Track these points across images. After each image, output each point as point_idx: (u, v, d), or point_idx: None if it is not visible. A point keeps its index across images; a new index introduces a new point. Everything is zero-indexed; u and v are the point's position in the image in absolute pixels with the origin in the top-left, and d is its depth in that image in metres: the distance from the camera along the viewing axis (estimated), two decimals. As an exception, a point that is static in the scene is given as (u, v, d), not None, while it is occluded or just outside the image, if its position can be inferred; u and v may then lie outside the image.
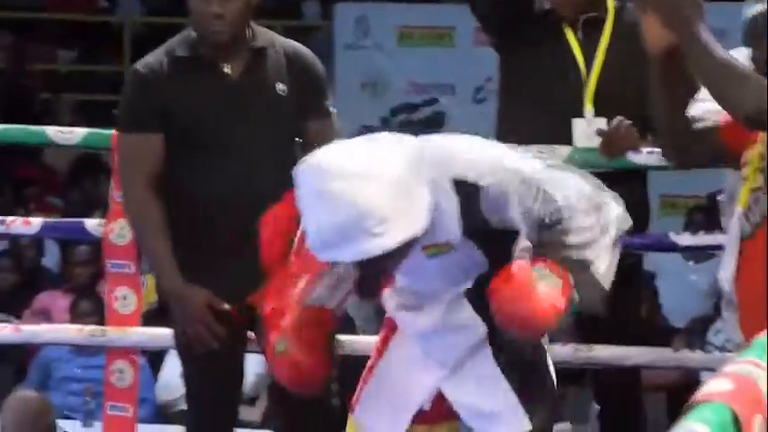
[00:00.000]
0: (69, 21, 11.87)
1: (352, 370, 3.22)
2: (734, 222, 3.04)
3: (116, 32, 11.76)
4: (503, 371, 2.99)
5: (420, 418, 3.05)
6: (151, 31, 11.45)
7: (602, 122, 3.74)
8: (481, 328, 3.00)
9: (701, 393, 1.11)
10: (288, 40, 3.62)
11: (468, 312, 3.01)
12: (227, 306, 3.44)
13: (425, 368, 3.03)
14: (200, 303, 3.42)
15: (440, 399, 3.04)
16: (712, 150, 3.09)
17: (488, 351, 3.00)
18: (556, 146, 3.68)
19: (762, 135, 2.96)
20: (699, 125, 3.06)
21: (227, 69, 3.48)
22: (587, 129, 3.74)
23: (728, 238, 3.08)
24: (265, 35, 3.54)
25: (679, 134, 3.05)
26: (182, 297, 3.46)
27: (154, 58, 3.52)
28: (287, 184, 3.45)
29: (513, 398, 2.99)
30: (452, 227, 2.88)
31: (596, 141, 3.74)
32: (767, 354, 1.21)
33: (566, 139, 3.71)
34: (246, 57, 3.49)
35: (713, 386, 1.11)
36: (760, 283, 2.86)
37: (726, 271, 3.04)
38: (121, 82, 13.01)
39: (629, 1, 3.78)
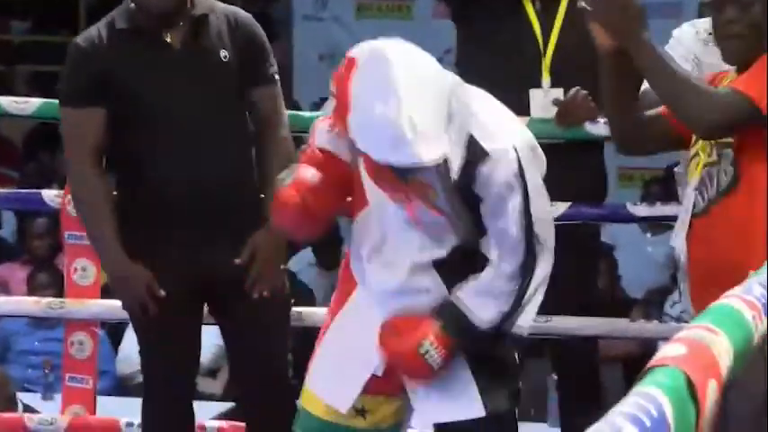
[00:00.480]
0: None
1: (311, 342, 3.23)
2: (688, 195, 3.07)
3: (71, 2, 11.67)
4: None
5: (373, 387, 3.05)
6: (106, 0, 11.39)
7: (558, 93, 3.75)
8: (440, 297, 3.00)
9: (654, 358, 1.14)
10: (228, 6, 3.57)
11: (432, 279, 3.00)
12: (162, 293, 3.41)
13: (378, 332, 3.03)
14: (140, 285, 3.41)
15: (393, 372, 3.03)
16: (662, 135, 3.12)
17: None
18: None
19: None
20: (648, 113, 3.10)
21: (168, 39, 3.44)
22: (544, 99, 3.75)
23: (681, 211, 3.11)
24: (205, 2, 3.48)
25: (629, 124, 3.09)
26: (123, 277, 3.45)
27: (94, 31, 3.48)
28: (233, 151, 3.46)
29: (468, 377, 2.98)
30: (451, 171, 2.88)
31: (553, 112, 3.76)
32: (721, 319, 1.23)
33: (523, 110, 3.73)
34: (187, 25, 3.44)
35: (667, 351, 1.13)
36: (714, 260, 2.89)
37: (678, 242, 3.07)
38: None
39: None
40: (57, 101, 4.08)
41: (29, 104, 4.21)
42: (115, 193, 3.54)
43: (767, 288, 1.39)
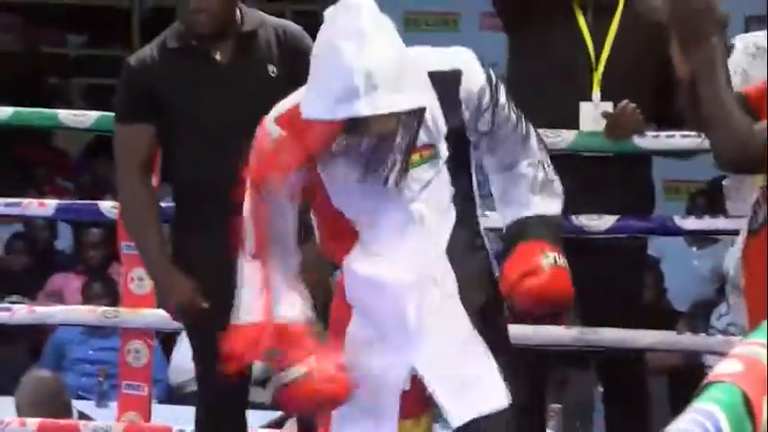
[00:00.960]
0: (78, 5, 11.86)
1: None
2: (748, 209, 3.03)
3: (125, 17, 11.75)
4: (480, 333, 2.80)
5: (405, 409, 2.81)
6: (159, 15, 11.43)
7: (608, 106, 3.74)
8: (452, 286, 2.80)
9: (711, 374, 1.13)
10: (279, 19, 3.59)
11: (443, 267, 2.80)
12: (205, 305, 3.44)
13: (392, 348, 2.80)
14: (184, 295, 3.45)
15: (416, 382, 2.80)
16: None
17: (461, 310, 2.80)
18: (561, 130, 3.70)
19: None
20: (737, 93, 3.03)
21: (217, 56, 3.46)
22: (593, 112, 3.74)
23: (743, 225, 3.06)
24: (254, 17, 3.50)
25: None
26: (167, 285, 3.48)
27: (147, 50, 3.52)
28: None
29: (491, 363, 2.79)
30: (437, 125, 2.77)
31: (602, 125, 3.75)
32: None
33: (573, 122, 3.72)
34: (236, 41, 3.47)
35: (723, 367, 1.13)
36: (761, 279, 2.87)
37: (734, 255, 3.04)
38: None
39: None
40: (112, 114, 4.11)
41: (86, 118, 4.24)
42: (173, 204, 3.58)
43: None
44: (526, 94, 3.11)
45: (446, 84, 2.78)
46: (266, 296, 2.82)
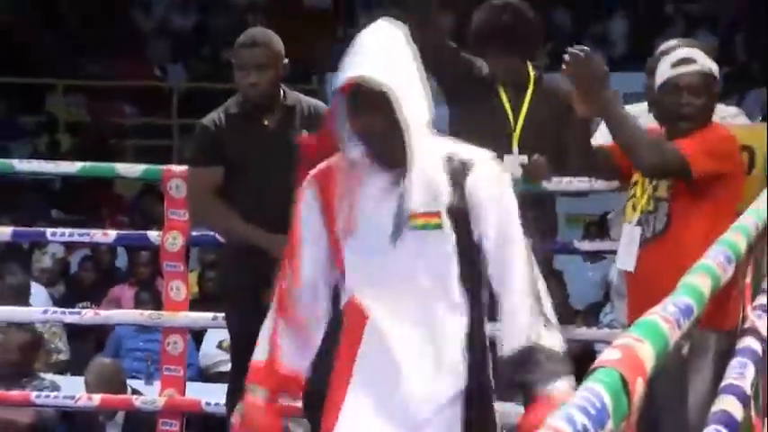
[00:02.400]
0: (132, 85, 11.84)
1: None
2: (628, 231, 3.02)
3: (167, 94, 11.72)
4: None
5: None
6: (193, 92, 11.42)
7: (524, 159, 3.74)
8: (463, 381, 2.26)
9: (597, 361, 1.13)
10: (310, 98, 3.62)
11: (454, 354, 2.25)
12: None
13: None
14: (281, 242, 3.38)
15: None
16: (608, 164, 3.09)
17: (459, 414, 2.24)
18: None
19: None
20: (599, 146, 3.09)
21: (266, 122, 3.50)
22: (513, 163, 3.74)
23: (622, 243, 3.03)
24: (293, 95, 3.54)
25: (586, 157, 3.07)
26: (273, 242, 3.30)
27: (214, 114, 3.53)
28: None
29: None
30: (442, 193, 2.27)
31: (520, 172, 3.75)
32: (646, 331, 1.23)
33: None
34: (281, 112, 3.50)
35: (606, 355, 1.12)
36: (647, 283, 2.86)
37: (626, 264, 3.00)
38: (170, 131, 12.94)
39: (549, 72, 3.81)
40: (157, 167, 4.10)
41: (137, 169, 4.22)
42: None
43: (679, 307, 1.38)
44: None
45: (457, 168, 2.29)
46: (274, 340, 2.39)
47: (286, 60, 3.48)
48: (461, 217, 2.27)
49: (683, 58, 2.95)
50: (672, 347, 1.29)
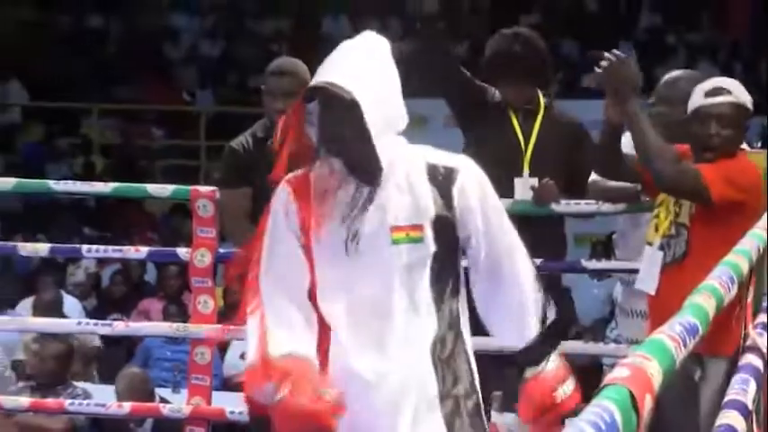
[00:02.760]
0: (162, 110, 11.90)
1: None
2: (651, 254, 2.94)
3: (194, 117, 11.77)
4: None
5: None
6: (220, 116, 11.47)
7: (534, 181, 3.74)
8: (433, 391, 2.17)
9: (607, 378, 1.12)
10: None
11: (425, 367, 2.16)
12: None
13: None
14: None
15: None
16: (633, 173, 3.04)
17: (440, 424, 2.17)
18: (502, 198, 3.68)
19: None
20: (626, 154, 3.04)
21: None
22: (524, 185, 3.74)
23: (648, 262, 2.96)
24: None
25: (614, 165, 3.01)
26: None
27: (242, 138, 3.54)
28: None
29: None
30: (427, 205, 2.18)
31: (530, 195, 3.74)
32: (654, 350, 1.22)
33: (509, 193, 3.70)
34: None
35: (615, 373, 1.12)
36: (666, 305, 2.82)
37: (645, 283, 2.95)
38: (198, 153, 12.95)
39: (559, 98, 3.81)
40: (186, 187, 4.11)
41: (166, 189, 4.22)
42: None
43: (684, 327, 1.38)
44: None
45: (441, 176, 2.21)
46: (261, 338, 2.19)
47: None
48: (447, 225, 2.19)
49: (717, 88, 2.90)
50: (678, 365, 1.28)
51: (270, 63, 3.62)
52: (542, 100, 3.78)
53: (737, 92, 2.89)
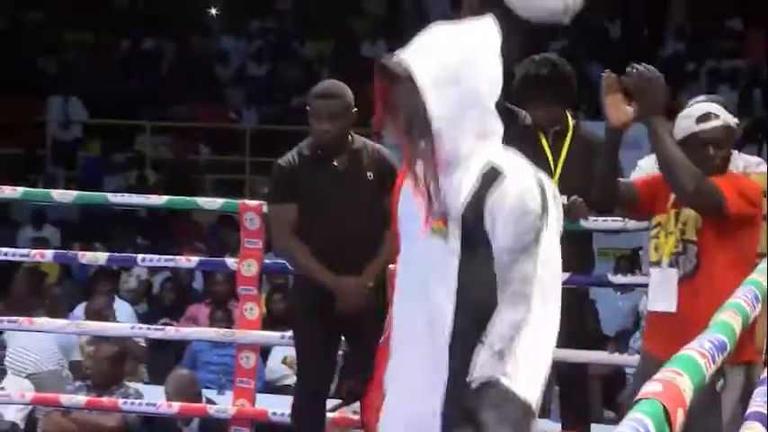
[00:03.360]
0: (210, 127, 11.98)
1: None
2: (664, 271, 2.89)
3: (240, 134, 11.83)
4: None
5: None
6: (264, 133, 11.52)
7: (563, 199, 3.71)
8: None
9: (640, 393, 1.10)
10: (373, 143, 3.60)
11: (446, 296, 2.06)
12: (371, 284, 3.39)
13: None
14: (351, 288, 3.39)
15: None
16: (628, 201, 2.96)
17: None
18: None
19: (670, 206, 2.89)
20: (622, 181, 3.00)
21: (336, 163, 3.49)
22: None
23: (658, 281, 2.91)
24: (360, 140, 3.54)
25: (609, 182, 2.95)
26: (339, 285, 3.40)
27: (290, 156, 3.53)
28: (370, 231, 3.43)
29: None
30: (456, 203, 2.06)
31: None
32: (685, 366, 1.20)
33: None
34: (349, 155, 3.49)
35: (648, 388, 1.10)
36: (681, 317, 2.79)
37: (662, 302, 2.90)
38: (243, 168, 13.03)
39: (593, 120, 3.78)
40: (234, 201, 4.12)
41: (215, 202, 4.25)
42: None
43: (713, 343, 1.36)
44: None
45: (488, 176, 2.07)
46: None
47: (355, 109, 3.49)
48: (475, 227, 2.04)
49: (707, 113, 2.89)
50: (708, 380, 1.26)
51: (312, 85, 3.62)
52: (571, 121, 3.76)
53: (724, 114, 2.87)
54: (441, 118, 1.97)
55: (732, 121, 2.90)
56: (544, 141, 3.73)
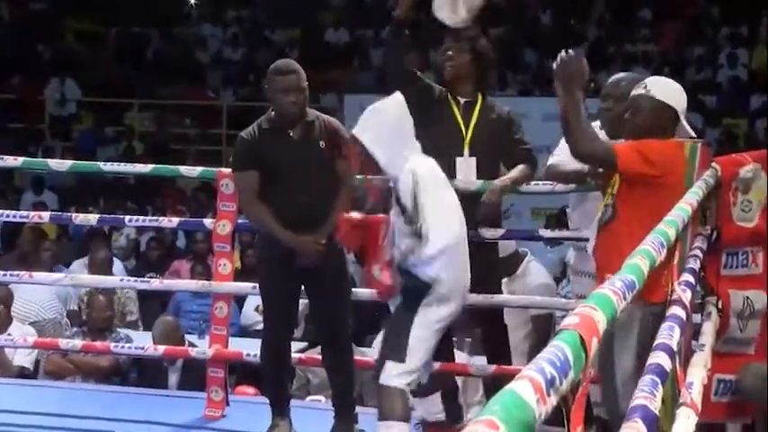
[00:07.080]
0: (190, 104, 11.86)
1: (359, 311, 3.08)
2: (596, 216, 2.92)
3: (218, 111, 11.73)
4: None
5: None
6: (239, 110, 11.42)
7: (473, 160, 3.69)
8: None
9: (561, 324, 1.10)
10: (325, 114, 3.56)
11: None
12: (323, 240, 3.36)
13: None
14: (309, 244, 3.36)
15: None
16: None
17: None
18: (473, 180, 3.62)
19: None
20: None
21: (292, 134, 3.44)
22: (464, 164, 3.66)
23: (593, 228, 2.93)
24: (312, 112, 3.48)
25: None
26: (298, 242, 3.37)
27: (250, 129, 3.48)
28: (325, 194, 3.40)
29: None
30: (404, 188, 2.94)
31: (470, 172, 3.64)
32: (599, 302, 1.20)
33: (452, 170, 3.59)
34: (303, 126, 3.44)
35: (567, 321, 1.10)
36: (602, 262, 2.81)
37: (589, 246, 2.93)
38: (221, 140, 12.86)
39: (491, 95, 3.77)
40: (212, 169, 4.06)
41: (195, 170, 4.18)
42: None
43: (624, 282, 1.36)
44: (426, 153, 3.06)
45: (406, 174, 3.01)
46: None
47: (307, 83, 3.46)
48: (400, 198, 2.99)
49: (643, 83, 2.87)
50: (619, 314, 1.27)
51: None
52: (479, 93, 3.73)
53: (657, 90, 2.85)
54: (382, 156, 2.96)
55: (662, 96, 2.83)
56: (456, 110, 3.69)
